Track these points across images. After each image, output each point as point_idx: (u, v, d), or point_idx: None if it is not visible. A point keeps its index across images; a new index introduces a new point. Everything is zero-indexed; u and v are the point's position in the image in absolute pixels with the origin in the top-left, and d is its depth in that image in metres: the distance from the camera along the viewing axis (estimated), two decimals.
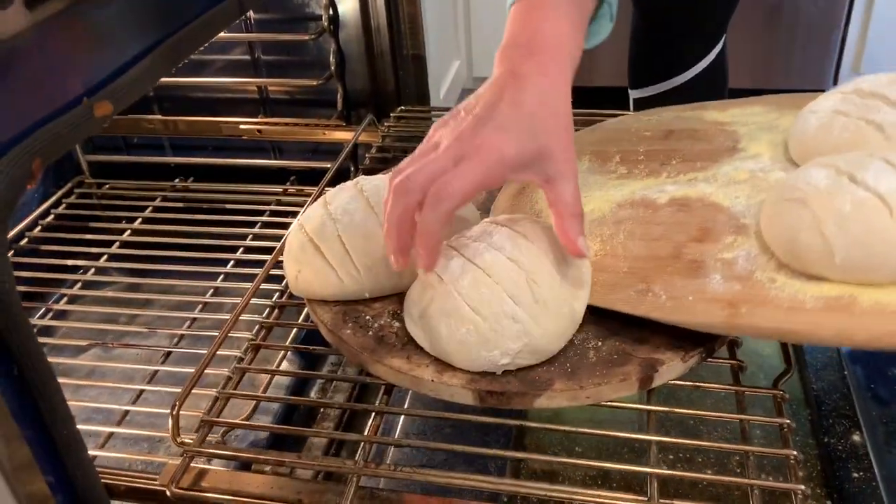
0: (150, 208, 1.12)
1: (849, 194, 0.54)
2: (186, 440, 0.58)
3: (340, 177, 0.92)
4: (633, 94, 1.23)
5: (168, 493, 0.55)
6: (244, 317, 0.85)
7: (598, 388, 0.56)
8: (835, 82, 1.93)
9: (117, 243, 1.05)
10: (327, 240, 0.65)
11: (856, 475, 0.70)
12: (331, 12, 1.03)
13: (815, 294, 0.55)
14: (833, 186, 0.56)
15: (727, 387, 0.59)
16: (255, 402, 0.69)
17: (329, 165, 0.94)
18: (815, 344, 0.83)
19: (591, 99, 0.90)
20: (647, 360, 0.57)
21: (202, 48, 0.61)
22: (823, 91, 0.75)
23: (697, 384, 0.59)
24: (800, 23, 1.88)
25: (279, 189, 1.13)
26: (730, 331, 0.57)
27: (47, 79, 0.41)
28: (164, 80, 1.13)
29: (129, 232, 1.07)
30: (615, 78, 1.36)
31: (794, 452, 0.52)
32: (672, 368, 0.57)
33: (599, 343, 0.60)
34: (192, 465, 0.58)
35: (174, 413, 0.59)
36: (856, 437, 0.73)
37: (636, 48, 1.22)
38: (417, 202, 0.55)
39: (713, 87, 1.20)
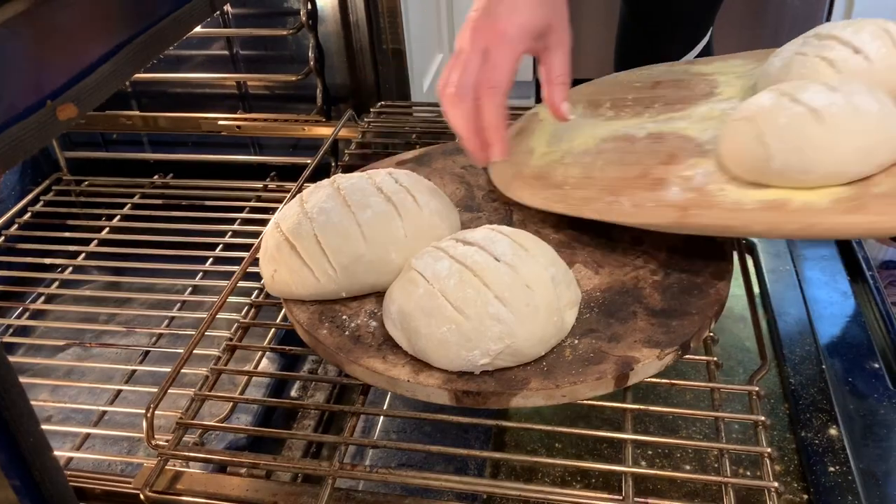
0: (128, 205, 1.11)
1: (787, 109, 0.62)
2: (161, 442, 0.58)
3: (320, 172, 0.92)
4: None
5: (142, 496, 0.54)
6: (225, 314, 0.85)
7: (574, 387, 0.56)
8: None
9: (96, 241, 1.03)
10: (303, 239, 0.65)
11: (832, 469, 0.70)
12: (309, 7, 1.02)
13: (755, 198, 0.62)
14: (775, 105, 0.63)
15: (703, 384, 0.59)
16: (232, 403, 0.68)
17: (309, 161, 0.94)
18: (750, 236, 0.89)
19: None
20: (622, 358, 0.57)
21: (174, 46, 0.60)
22: None
23: (673, 382, 0.59)
24: (783, 17, 1.88)
25: (259, 185, 1.12)
26: (680, 228, 0.64)
27: (9, 82, 0.40)
28: (142, 76, 1.14)
29: (107, 230, 1.06)
30: (602, 71, 1.36)
31: (768, 450, 0.52)
32: (648, 366, 0.57)
33: (576, 341, 0.60)
34: (167, 467, 0.58)
35: (148, 415, 0.59)
36: (832, 431, 0.73)
37: (623, 40, 1.22)
38: (473, 101, 0.63)
39: None
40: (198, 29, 1.08)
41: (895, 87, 0.70)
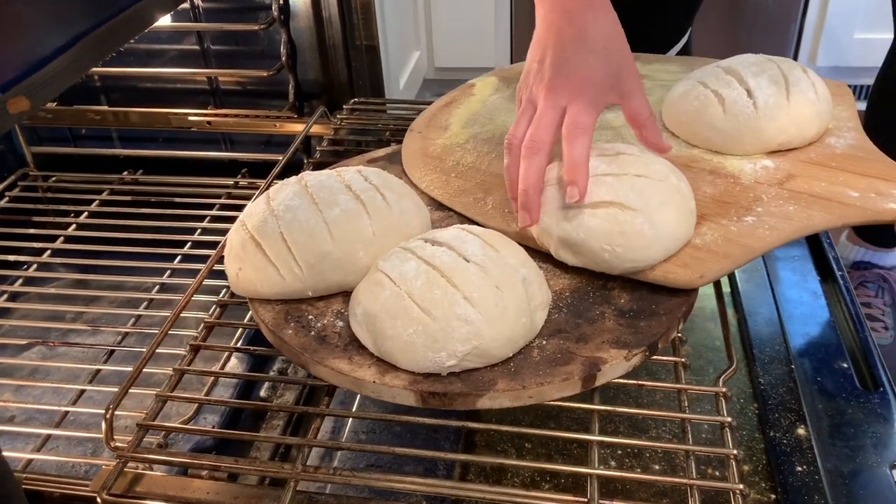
0: (97, 202, 1.09)
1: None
2: (120, 444, 0.57)
3: (292, 169, 0.91)
4: None
5: (99, 499, 0.53)
6: (193, 313, 0.84)
7: (541, 388, 0.55)
8: None
9: (62, 238, 1.02)
10: (268, 237, 0.64)
11: (800, 469, 0.70)
12: (281, 2, 1.01)
13: None
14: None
15: (670, 385, 0.59)
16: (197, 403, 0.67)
17: (280, 158, 0.93)
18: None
19: None
20: (590, 358, 0.57)
21: (143, 40, 0.59)
22: None
23: (641, 383, 0.59)
24: (758, 16, 1.89)
25: (230, 182, 1.11)
26: (520, 239, 0.66)
27: None
28: (111, 70, 1.12)
29: (74, 226, 1.04)
30: None
31: (734, 451, 0.52)
32: (615, 367, 0.57)
33: (544, 342, 0.59)
34: (127, 469, 0.56)
35: (107, 416, 0.57)
36: (800, 431, 0.74)
37: None
38: (547, 156, 0.64)
39: None
40: (167, 23, 1.06)
41: (770, 140, 0.75)
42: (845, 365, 0.84)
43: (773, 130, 0.74)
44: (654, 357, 0.59)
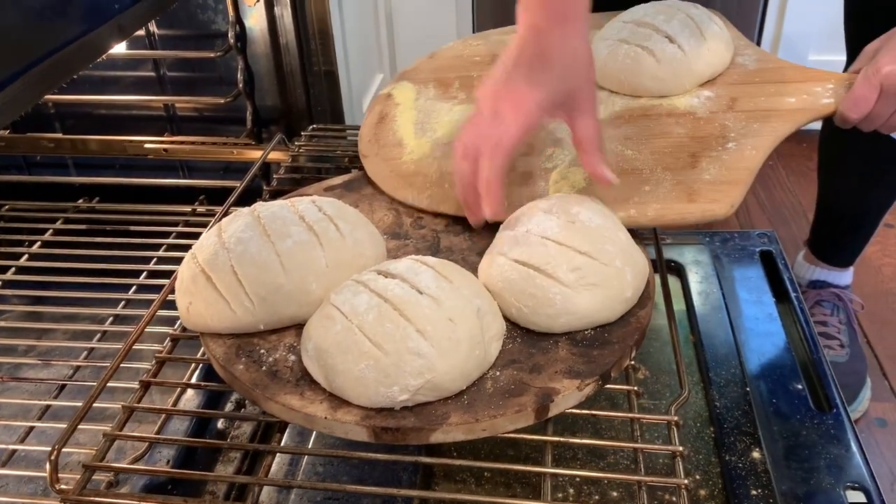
0: (50, 231, 1.07)
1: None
2: (65, 487, 0.55)
3: (249, 196, 0.90)
4: None
5: None
6: (146, 346, 0.83)
7: (494, 421, 0.55)
8: None
9: (13, 269, 1.00)
10: (219, 270, 0.63)
11: (755, 492, 0.71)
12: (237, 29, 1.01)
13: None
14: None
15: (622, 414, 0.59)
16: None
17: (239, 184, 0.92)
18: None
19: None
20: (543, 389, 0.57)
21: (98, 67, 0.58)
22: None
23: (594, 413, 0.59)
24: (719, 5, 1.92)
25: (187, 209, 1.10)
26: None
27: None
28: (65, 97, 1.10)
29: (26, 256, 1.02)
30: None
31: (685, 481, 0.52)
32: (568, 398, 0.57)
33: (497, 373, 0.59)
34: None
35: (52, 457, 0.56)
36: (756, 454, 0.74)
37: None
38: (476, 159, 0.66)
39: None
40: (123, 50, 1.05)
41: (702, 74, 0.83)
42: (800, 386, 0.85)
43: (703, 65, 0.83)
44: (608, 386, 0.60)
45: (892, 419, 1.18)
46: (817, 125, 1.23)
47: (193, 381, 0.69)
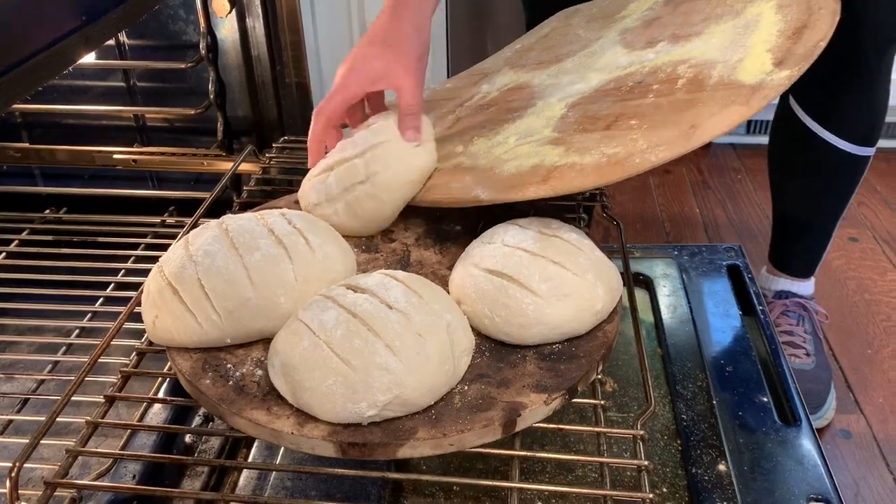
0: (16, 241, 1.06)
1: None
2: None
3: (219, 207, 0.90)
4: None
5: None
6: (113, 359, 0.82)
7: (462, 436, 0.55)
8: None
9: None
10: (186, 283, 0.63)
11: None
12: (209, 40, 1.00)
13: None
14: None
15: (588, 429, 0.59)
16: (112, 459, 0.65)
17: (209, 195, 0.91)
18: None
19: None
20: (510, 403, 0.57)
21: (66, 77, 0.58)
22: None
23: (561, 427, 0.59)
24: None
25: (157, 220, 1.09)
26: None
27: None
28: (32, 106, 1.09)
29: None
30: None
31: (650, 496, 0.53)
32: (535, 412, 0.57)
33: (466, 387, 0.59)
34: None
35: (12, 474, 0.55)
36: (721, 467, 0.75)
37: None
38: (322, 122, 0.79)
39: None
40: (92, 60, 1.04)
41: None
42: (765, 399, 0.86)
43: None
44: (574, 400, 0.60)
45: (857, 431, 1.20)
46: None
47: (160, 395, 0.69)
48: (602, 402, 0.60)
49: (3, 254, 1.03)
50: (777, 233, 1.28)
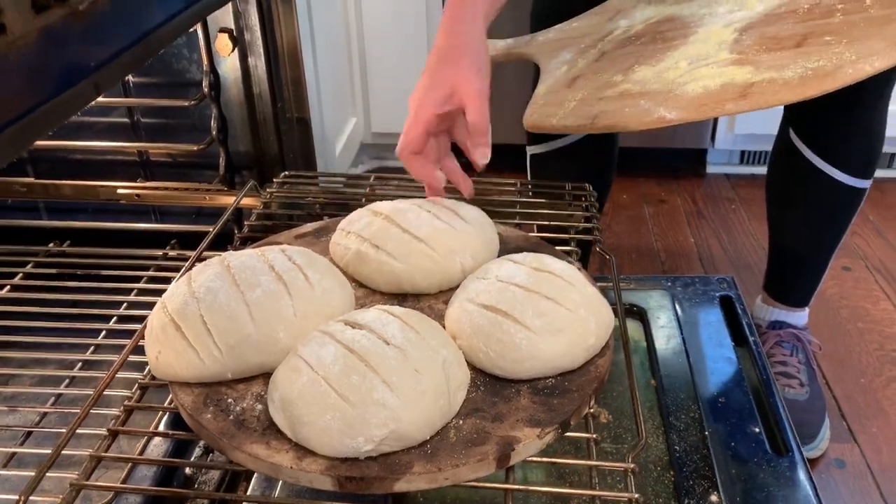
0: (20, 274, 1.07)
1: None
2: None
3: (221, 240, 0.91)
4: (530, 150, 1.27)
5: None
6: (116, 391, 0.83)
7: (457, 470, 0.57)
8: (711, 140, 2.05)
9: None
10: (188, 319, 0.64)
11: None
12: (211, 78, 1.03)
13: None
14: None
15: (581, 462, 0.61)
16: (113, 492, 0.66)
17: (211, 229, 0.93)
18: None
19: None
20: (504, 438, 0.59)
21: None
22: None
23: (554, 460, 0.61)
24: None
25: (158, 253, 1.11)
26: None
27: None
28: (38, 142, 1.11)
29: None
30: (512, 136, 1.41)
31: (636, 496, 0.54)
32: (529, 446, 0.59)
33: (461, 422, 0.61)
34: None
35: None
36: (713, 498, 0.76)
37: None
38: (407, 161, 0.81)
39: (601, 149, 1.25)
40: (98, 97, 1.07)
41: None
42: (757, 429, 0.87)
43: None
44: (567, 434, 0.61)
45: (850, 460, 1.21)
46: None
47: (161, 428, 0.70)
48: (594, 436, 0.62)
49: (8, 286, 1.05)
50: (773, 263, 1.30)
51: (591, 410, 0.64)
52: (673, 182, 2.07)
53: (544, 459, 0.60)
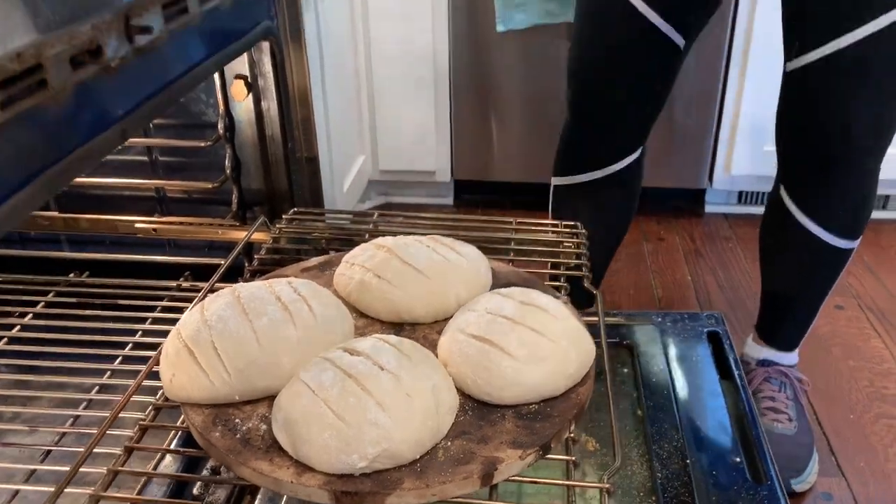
0: (42, 303, 1.14)
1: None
2: None
3: (233, 272, 0.97)
4: (555, 180, 1.33)
5: None
6: (131, 413, 0.88)
7: (444, 486, 0.61)
8: (709, 180, 2.11)
9: (5, 339, 1.05)
10: (201, 345, 0.70)
11: None
12: (227, 121, 1.10)
13: None
14: None
15: (559, 482, 0.65)
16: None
17: (223, 262, 0.99)
18: None
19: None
20: (489, 458, 0.63)
21: None
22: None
23: (535, 480, 0.65)
24: (677, 131, 2.05)
25: (172, 284, 1.17)
26: None
27: None
28: None
29: (18, 328, 1.08)
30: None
31: (607, 486, 0.59)
32: (511, 466, 0.63)
33: (449, 443, 0.65)
34: None
35: None
36: None
37: (564, 142, 1.31)
38: None
39: (625, 187, 1.30)
40: None
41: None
42: (738, 459, 0.92)
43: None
44: (548, 456, 0.66)
45: (838, 494, 1.24)
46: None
47: (173, 446, 0.75)
48: (573, 459, 0.66)
49: (31, 314, 1.11)
50: (764, 308, 1.34)
51: (572, 435, 0.69)
52: (672, 221, 2.13)
53: (525, 479, 0.65)
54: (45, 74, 0.55)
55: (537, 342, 0.70)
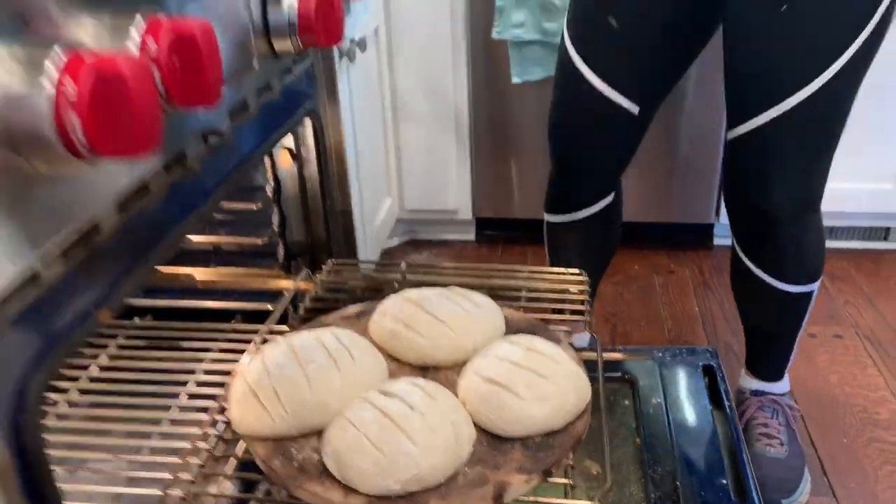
0: (114, 345, 1.30)
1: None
2: None
3: (280, 318, 1.12)
4: (548, 217, 1.49)
5: None
6: (201, 444, 1.03)
7: None
8: (716, 214, 2.23)
9: (84, 378, 1.21)
10: (263, 388, 0.85)
11: None
12: (274, 185, 1.25)
13: None
14: None
15: (556, 500, 0.79)
16: None
17: (270, 307, 1.14)
18: None
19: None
20: (500, 482, 0.77)
21: None
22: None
23: (538, 499, 0.79)
24: (684, 168, 2.18)
25: (227, 327, 1.32)
26: None
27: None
28: None
29: (95, 367, 1.24)
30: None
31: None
32: (518, 488, 0.77)
33: (468, 469, 0.80)
34: None
35: None
36: None
37: (549, 187, 1.48)
38: None
39: (605, 223, 1.45)
40: None
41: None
42: (724, 481, 1.04)
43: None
44: (550, 479, 0.80)
45: None
46: None
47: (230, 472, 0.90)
48: (570, 482, 0.80)
49: (104, 355, 1.27)
50: (747, 345, 1.47)
51: (570, 462, 0.82)
52: (682, 254, 2.26)
53: (529, 498, 0.79)
54: (148, 181, 0.71)
55: (540, 384, 0.84)
